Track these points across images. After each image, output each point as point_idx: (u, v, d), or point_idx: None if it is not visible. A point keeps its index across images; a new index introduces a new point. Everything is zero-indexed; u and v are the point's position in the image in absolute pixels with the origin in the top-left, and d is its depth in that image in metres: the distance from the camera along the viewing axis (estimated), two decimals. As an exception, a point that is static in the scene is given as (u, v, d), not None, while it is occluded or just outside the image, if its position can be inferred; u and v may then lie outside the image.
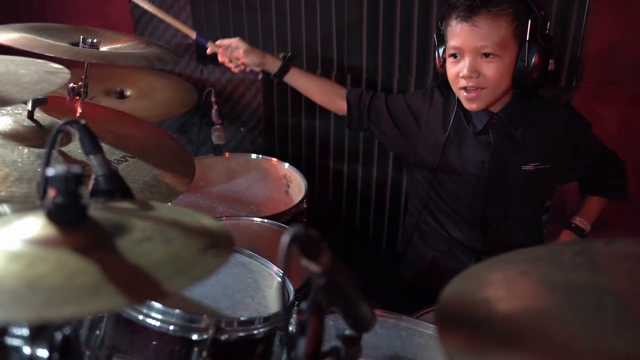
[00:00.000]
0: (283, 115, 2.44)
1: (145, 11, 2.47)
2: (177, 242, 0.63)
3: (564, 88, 2.02)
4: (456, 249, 1.72)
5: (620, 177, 1.78)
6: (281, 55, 1.78)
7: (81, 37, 1.58)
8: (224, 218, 1.75)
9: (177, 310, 0.93)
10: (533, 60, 1.46)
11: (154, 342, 0.95)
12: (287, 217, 1.85)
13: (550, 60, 1.49)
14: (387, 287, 1.91)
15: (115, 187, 0.91)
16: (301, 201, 1.92)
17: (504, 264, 0.69)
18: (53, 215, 0.66)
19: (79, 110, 1.56)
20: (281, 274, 0.59)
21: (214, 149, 2.26)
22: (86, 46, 1.60)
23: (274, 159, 2.20)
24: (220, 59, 1.91)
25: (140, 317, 0.95)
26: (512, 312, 0.56)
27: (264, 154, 2.25)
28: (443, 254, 1.74)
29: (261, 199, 2.04)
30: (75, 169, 0.64)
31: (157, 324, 0.94)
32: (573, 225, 1.75)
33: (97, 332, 0.97)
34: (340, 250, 2.84)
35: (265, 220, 1.73)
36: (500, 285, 0.62)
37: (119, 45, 1.70)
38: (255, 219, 1.73)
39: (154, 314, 0.94)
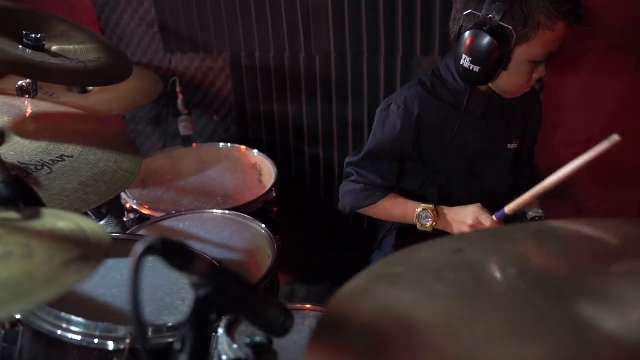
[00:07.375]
0: (254, 101, 2.38)
1: (109, 0, 2.40)
2: (38, 257, 0.57)
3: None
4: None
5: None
6: None
7: (24, 32, 1.52)
8: (182, 211, 1.69)
9: (89, 321, 0.88)
10: None
11: (72, 355, 0.90)
12: (257, 206, 1.80)
13: None
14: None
15: (19, 194, 0.85)
16: (270, 190, 1.86)
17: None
18: None
19: (29, 109, 1.52)
20: (132, 295, 0.53)
21: (182, 140, 2.21)
22: (29, 42, 1.54)
23: (243, 147, 2.13)
24: None
25: (59, 331, 0.90)
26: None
27: (238, 141, 2.18)
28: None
29: (233, 190, 1.98)
30: None
31: (72, 336, 0.89)
32: (536, 219, 1.65)
33: (15, 345, 0.92)
34: (320, 236, 2.76)
35: (227, 212, 1.68)
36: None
37: (70, 47, 1.61)
38: (216, 211, 1.68)
39: (66, 326, 0.90)
